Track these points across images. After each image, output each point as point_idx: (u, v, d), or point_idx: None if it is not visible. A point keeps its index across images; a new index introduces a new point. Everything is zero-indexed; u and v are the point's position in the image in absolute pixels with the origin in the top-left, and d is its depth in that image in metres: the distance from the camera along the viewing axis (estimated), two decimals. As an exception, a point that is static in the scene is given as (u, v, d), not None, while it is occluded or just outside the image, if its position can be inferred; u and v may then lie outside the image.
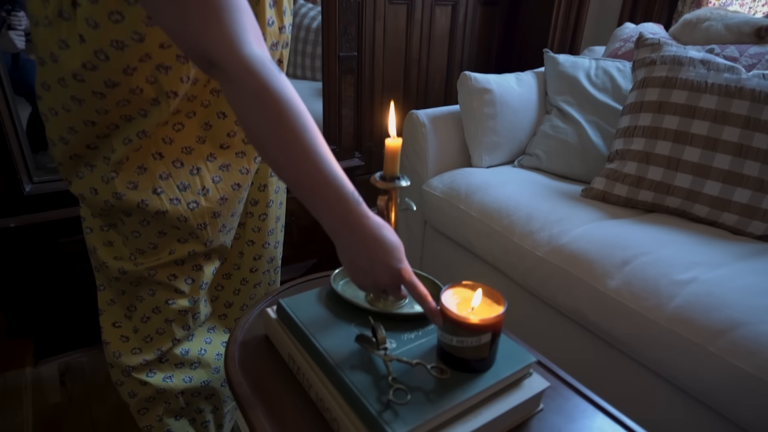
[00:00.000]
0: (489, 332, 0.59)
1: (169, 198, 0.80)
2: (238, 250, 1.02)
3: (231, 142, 0.86)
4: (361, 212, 0.59)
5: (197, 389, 0.95)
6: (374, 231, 0.60)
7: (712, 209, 1.21)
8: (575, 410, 0.67)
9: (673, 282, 0.98)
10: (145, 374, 0.90)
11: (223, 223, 0.88)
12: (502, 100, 1.56)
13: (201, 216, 0.84)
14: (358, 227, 0.59)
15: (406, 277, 0.61)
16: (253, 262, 1.03)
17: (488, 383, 0.60)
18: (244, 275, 1.03)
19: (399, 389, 0.57)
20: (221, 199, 0.86)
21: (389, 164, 0.67)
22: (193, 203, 0.82)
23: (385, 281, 0.60)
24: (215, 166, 0.85)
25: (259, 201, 0.99)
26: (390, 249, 0.60)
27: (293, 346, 0.69)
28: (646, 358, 0.98)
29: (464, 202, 1.41)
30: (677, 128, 1.23)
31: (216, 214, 0.86)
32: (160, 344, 0.90)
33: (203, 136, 0.83)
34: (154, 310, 0.88)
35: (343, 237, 0.60)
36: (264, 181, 0.98)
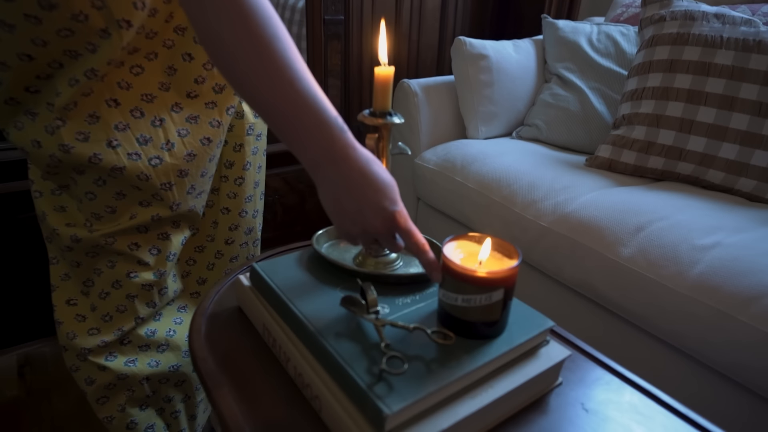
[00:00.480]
0: (501, 288, 0.49)
1: (127, 152, 0.69)
2: (212, 219, 0.91)
3: (199, 89, 0.75)
4: (346, 141, 0.49)
5: (165, 375, 0.84)
6: (362, 165, 0.49)
7: (728, 174, 1.12)
8: (598, 383, 0.57)
9: (693, 247, 0.89)
10: (104, 358, 0.79)
11: (192, 184, 0.77)
12: (499, 66, 1.46)
13: (165, 174, 0.73)
14: (343, 160, 0.49)
15: (402, 222, 0.51)
16: (228, 233, 0.92)
17: (500, 350, 0.50)
18: (219, 247, 0.93)
19: (394, 357, 0.47)
20: (188, 155, 0.75)
21: (380, 97, 0.57)
22: (155, 159, 0.72)
23: (376, 227, 0.50)
24: (181, 118, 0.75)
25: (234, 163, 0.89)
26: (382, 187, 0.50)
27: (268, 315, 0.59)
28: (664, 332, 0.89)
29: (460, 173, 1.32)
30: (690, 87, 1.14)
31: (183, 173, 0.75)
32: (122, 324, 0.79)
33: (167, 83, 0.73)
34: (113, 284, 0.77)
35: (324, 172, 0.50)
36: (240, 140, 0.88)
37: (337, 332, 0.51)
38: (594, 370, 0.60)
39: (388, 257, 0.64)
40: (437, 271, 0.52)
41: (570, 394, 0.55)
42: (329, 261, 0.62)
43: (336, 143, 0.49)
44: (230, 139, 0.87)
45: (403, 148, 0.61)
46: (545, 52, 1.56)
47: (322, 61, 1.47)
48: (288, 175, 1.57)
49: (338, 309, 0.55)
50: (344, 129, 0.50)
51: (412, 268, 0.65)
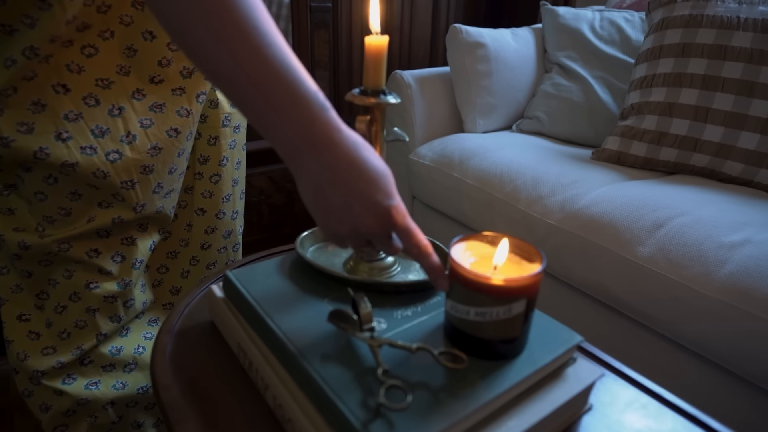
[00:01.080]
0: (522, 299, 0.40)
1: (80, 146, 0.60)
2: (186, 221, 0.82)
3: (164, 73, 0.66)
4: (329, 121, 0.40)
5: (133, 398, 0.75)
6: (350, 150, 0.41)
7: (748, 166, 1.04)
8: (633, 406, 0.49)
9: (720, 245, 0.80)
10: (61, 381, 0.69)
11: (159, 182, 0.68)
12: (497, 55, 1.38)
13: (126, 171, 0.64)
14: (326, 144, 0.40)
15: (399, 219, 0.42)
16: (204, 237, 0.83)
17: (523, 374, 0.41)
18: (194, 253, 0.83)
19: (394, 387, 0.38)
20: (153, 149, 0.66)
21: (372, 73, 0.48)
22: (113, 153, 0.63)
23: (368, 226, 0.41)
24: (144, 106, 0.65)
25: (209, 158, 0.79)
26: (374, 177, 0.41)
27: (243, 333, 0.50)
28: (690, 340, 0.80)
29: (458, 169, 1.23)
30: (705, 73, 1.06)
31: (147, 169, 0.66)
32: (81, 341, 0.69)
33: (126, 66, 0.63)
34: (71, 296, 0.68)
35: (303, 160, 0.41)
36: (215, 132, 0.78)
37: (324, 354, 0.42)
38: (626, 391, 0.51)
39: (384, 262, 0.55)
40: (443, 278, 0.43)
41: (602, 421, 0.46)
42: (315, 267, 0.53)
43: (316, 123, 0.40)
44: (204, 132, 0.77)
45: (400, 134, 0.52)
46: (545, 40, 1.48)
47: (308, 51, 1.38)
48: (274, 173, 1.48)
49: (325, 325, 0.45)
50: (326, 106, 0.41)
51: (412, 274, 0.56)
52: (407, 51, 2.13)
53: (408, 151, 1.40)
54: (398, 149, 1.44)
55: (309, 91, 0.40)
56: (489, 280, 0.39)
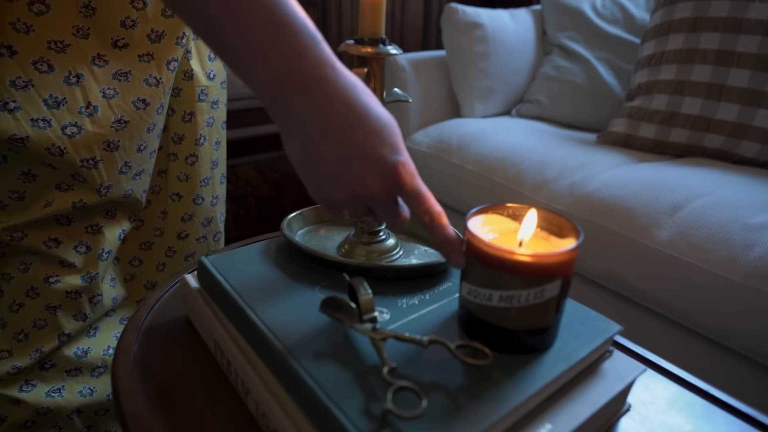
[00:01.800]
0: (557, 279, 0.33)
1: (31, 118, 0.52)
2: (160, 208, 0.74)
3: (129, 37, 0.58)
4: (321, 56, 0.33)
5: (103, 405, 0.67)
6: (347, 93, 0.33)
7: (764, 146, 0.98)
8: (677, 406, 0.42)
9: (746, 227, 0.74)
10: (18, 388, 0.61)
11: (126, 161, 0.60)
12: (495, 36, 1.31)
13: (87, 147, 0.56)
14: (318, 83, 0.33)
15: (408, 179, 0.34)
16: (181, 225, 0.75)
17: (557, 370, 0.34)
18: (170, 243, 0.75)
19: (403, 389, 0.30)
20: (118, 122, 0.58)
21: (368, 18, 0.40)
22: (71, 127, 0.55)
23: (370, 187, 0.34)
24: (106, 74, 0.57)
25: (184, 137, 0.71)
26: (377, 127, 0.34)
27: (221, 328, 0.42)
28: (715, 330, 0.74)
29: (457, 155, 1.16)
30: (719, 48, 1.00)
31: (111, 145, 0.58)
32: (41, 343, 0.61)
33: (84, 27, 0.55)
34: (28, 292, 0.60)
35: (290, 106, 0.34)
36: (190, 107, 0.70)
37: (317, 351, 0.35)
38: (666, 388, 0.44)
39: (384, 244, 0.48)
40: (459, 253, 0.36)
41: (644, 424, 0.40)
42: (305, 251, 0.46)
43: (305, 58, 0.32)
44: (177, 107, 0.70)
45: (401, 94, 0.45)
46: (544, 21, 1.41)
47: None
48: (261, 163, 1.40)
49: (317, 317, 0.38)
50: (317, 38, 0.33)
51: (416, 257, 0.49)
52: (399, 39, 2.06)
53: (403, 137, 1.33)
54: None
55: (295, 17, 0.33)
56: (516, 256, 0.32)
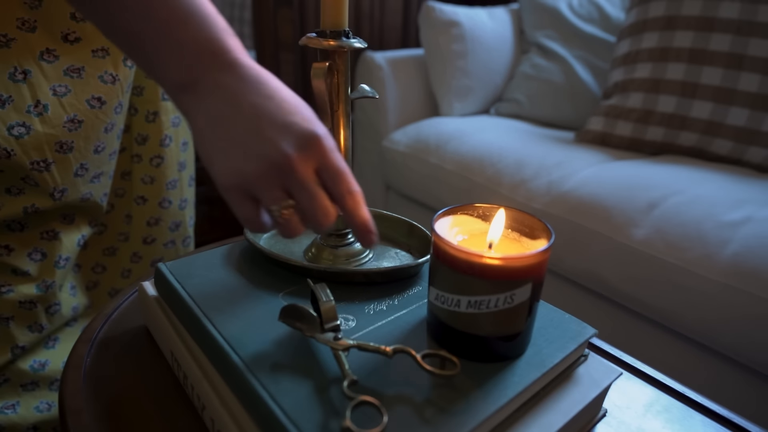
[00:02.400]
0: (527, 283, 0.31)
1: None
2: (124, 212, 0.71)
3: (81, 30, 0.55)
4: (233, 43, 0.33)
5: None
6: (259, 75, 0.33)
7: (737, 144, 0.99)
8: (654, 409, 0.41)
9: (720, 224, 0.74)
10: None
11: (82, 163, 0.57)
12: (473, 35, 1.30)
13: (37, 148, 0.53)
14: (229, 65, 0.32)
15: (328, 151, 0.32)
16: (147, 230, 0.72)
17: (529, 378, 0.32)
18: (136, 249, 0.72)
19: (364, 404, 0.29)
20: (71, 122, 0.55)
21: (330, 11, 0.38)
22: (19, 127, 0.52)
23: (284, 152, 0.31)
24: (57, 70, 0.54)
25: (148, 137, 0.69)
26: (290, 101, 0.32)
27: (178, 340, 0.40)
28: (692, 328, 0.74)
29: (435, 154, 1.14)
30: (692, 46, 1.00)
31: (65, 147, 0.55)
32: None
33: (30, 19, 0.52)
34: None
35: (198, 90, 0.32)
36: (153, 107, 0.68)
37: (275, 364, 0.32)
38: (643, 391, 0.43)
39: (353, 247, 0.46)
40: (371, 231, 0.33)
41: (621, 429, 0.38)
42: (269, 256, 0.44)
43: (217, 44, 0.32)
44: (140, 106, 0.67)
45: (368, 90, 0.43)
46: (522, 20, 1.41)
47: (271, 31, 1.27)
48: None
49: (279, 327, 0.36)
50: (230, 30, 0.33)
51: (387, 261, 0.47)
52: (378, 39, 2.04)
53: (381, 137, 1.31)
54: (370, 136, 1.35)
55: (206, 8, 0.31)
56: (484, 259, 0.31)
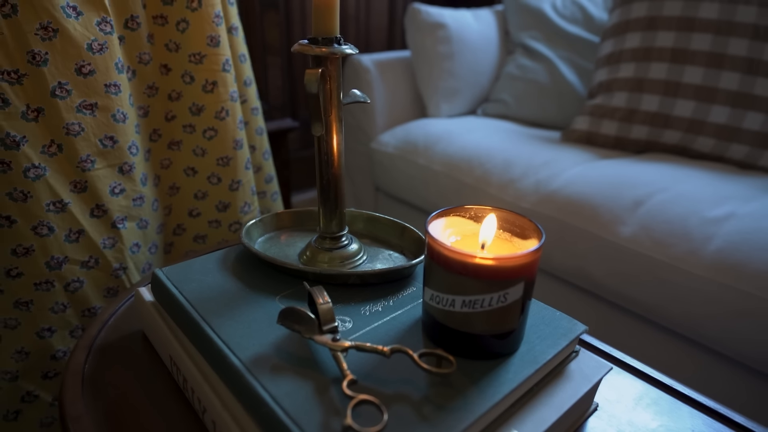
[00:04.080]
0: (520, 282, 0.32)
1: None
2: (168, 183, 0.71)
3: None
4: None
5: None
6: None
7: (719, 141, 1.01)
8: (643, 402, 0.42)
9: (705, 220, 0.76)
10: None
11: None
12: (459, 37, 1.31)
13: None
14: None
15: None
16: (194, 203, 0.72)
17: (523, 374, 0.33)
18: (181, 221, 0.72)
19: (364, 403, 0.29)
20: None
21: (322, 16, 0.39)
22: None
23: None
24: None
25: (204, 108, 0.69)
26: None
27: (176, 344, 0.40)
28: (678, 323, 0.75)
29: (424, 155, 1.15)
30: (674, 46, 1.03)
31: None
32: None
33: None
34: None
35: None
36: (213, 76, 0.69)
37: (275, 365, 0.33)
38: (633, 385, 0.44)
39: (347, 249, 0.47)
40: None
41: (611, 423, 0.39)
42: (264, 259, 0.44)
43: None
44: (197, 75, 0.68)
45: (360, 95, 0.43)
46: (507, 21, 1.43)
47: (258, 35, 1.27)
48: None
49: (277, 329, 0.37)
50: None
51: (380, 262, 0.47)
52: (364, 40, 2.05)
53: (369, 139, 1.32)
54: (358, 138, 1.35)
55: None
56: (478, 260, 0.31)
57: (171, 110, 0.68)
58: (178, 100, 0.68)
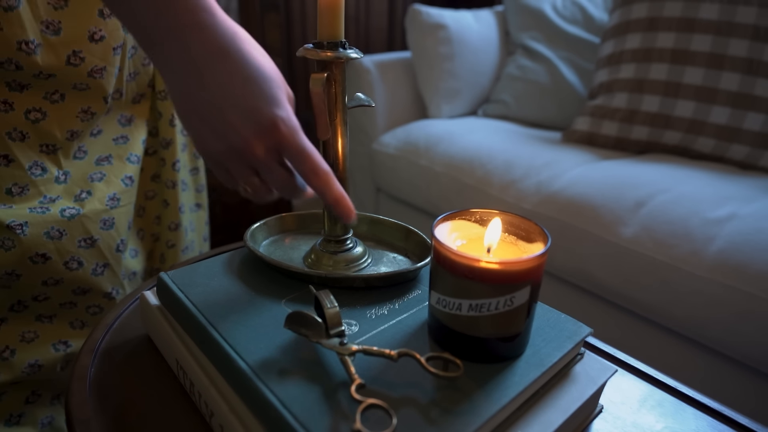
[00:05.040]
0: (526, 285, 0.33)
1: None
2: (155, 213, 0.71)
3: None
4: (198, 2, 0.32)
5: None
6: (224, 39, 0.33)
7: (720, 141, 1.01)
8: (648, 404, 0.42)
9: (706, 221, 0.76)
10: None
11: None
12: (459, 37, 1.32)
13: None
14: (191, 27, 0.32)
15: (287, 134, 0.33)
16: (169, 234, 0.72)
17: (529, 377, 0.34)
18: (163, 251, 0.73)
19: (373, 407, 0.29)
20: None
21: (327, 20, 0.39)
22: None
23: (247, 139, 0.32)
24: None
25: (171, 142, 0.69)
26: (255, 76, 0.33)
27: (183, 348, 0.40)
28: (680, 323, 0.76)
29: (425, 156, 1.16)
30: (674, 47, 1.03)
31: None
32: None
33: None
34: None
35: (165, 50, 0.33)
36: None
37: (282, 369, 0.33)
38: (637, 387, 0.44)
39: (351, 253, 0.47)
40: (348, 208, 0.35)
41: (616, 425, 0.40)
42: (268, 263, 0.44)
43: (181, 2, 0.31)
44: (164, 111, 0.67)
45: (364, 99, 0.44)
46: (507, 22, 1.43)
47: (258, 36, 1.27)
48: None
49: (283, 333, 0.37)
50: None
51: (385, 265, 0.48)
52: (365, 41, 2.05)
53: (370, 140, 1.32)
54: (360, 139, 1.36)
55: None
56: (484, 264, 0.32)
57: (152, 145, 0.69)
58: (157, 137, 0.69)
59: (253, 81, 0.32)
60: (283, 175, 0.35)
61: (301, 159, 0.34)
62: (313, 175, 0.34)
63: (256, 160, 0.33)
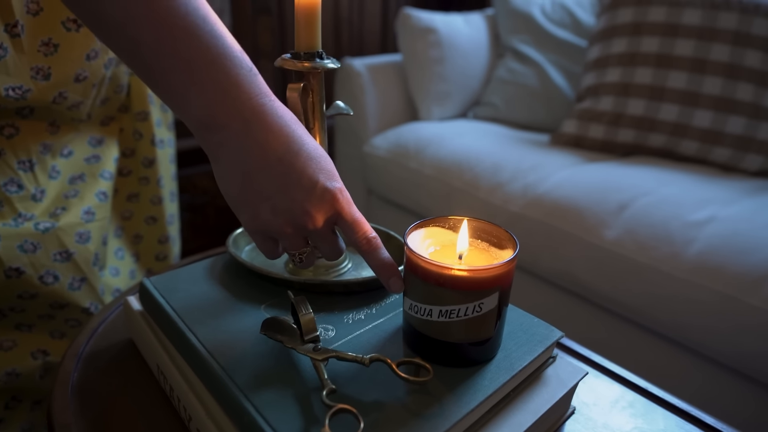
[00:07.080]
0: (494, 291, 0.34)
1: None
2: (132, 233, 0.72)
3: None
4: (258, 87, 0.33)
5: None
6: (284, 123, 0.33)
7: (703, 144, 1.03)
8: (619, 406, 0.43)
9: (686, 224, 0.77)
10: None
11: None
12: (449, 41, 1.33)
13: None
14: (256, 113, 0.33)
15: (346, 206, 0.35)
16: (159, 247, 0.73)
17: (499, 381, 0.35)
18: (151, 265, 0.73)
19: (342, 412, 0.30)
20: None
21: (304, 30, 0.40)
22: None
23: (309, 213, 0.34)
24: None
25: (155, 160, 0.70)
26: (313, 155, 0.34)
27: (163, 353, 0.41)
28: (661, 323, 0.77)
29: (415, 159, 1.17)
30: (658, 51, 1.04)
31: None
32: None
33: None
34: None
35: (224, 136, 0.33)
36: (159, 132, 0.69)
37: (257, 375, 0.34)
38: (609, 388, 0.45)
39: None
40: (397, 277, 0.36)
41: (587, 425, 0.41)
42: (250, 269, 0.45)
43: (242, 88, 0.32)
44: (145, 132, 0.68)
45: (343, 107, 0.44)
46: (497, 25, 1.44)
47: (250, 40, 1.28)
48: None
49: (260, 339, 0.38)
50: (254, 70, 0.33)
51: (365, 270, 0.49)
52: (358, 43, 2.06)
53: (361, 142, 1.33)
54: (351, 141, 1.36)
55: (231, 49, 0.32)
56: (453, 271, 0.33)
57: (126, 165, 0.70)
58: (132, 156, 0.70)
59: (313, 158, 0.34)
60: (336, 242, 0.37)
61: (356, 228, 0.35)
62: (366, 242, 0.36)
63: (315, 230, 0.35)
